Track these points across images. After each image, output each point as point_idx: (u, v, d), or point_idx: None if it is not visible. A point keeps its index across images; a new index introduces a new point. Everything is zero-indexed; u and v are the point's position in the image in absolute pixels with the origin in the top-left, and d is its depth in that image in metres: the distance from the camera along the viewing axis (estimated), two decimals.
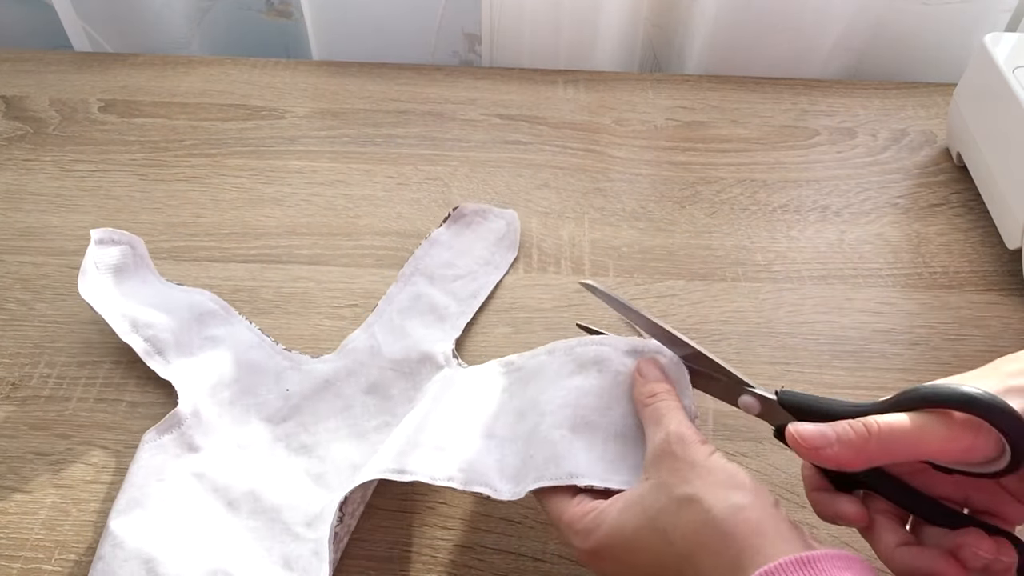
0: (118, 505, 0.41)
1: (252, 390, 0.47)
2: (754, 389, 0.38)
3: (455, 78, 0.71)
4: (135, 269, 0.52)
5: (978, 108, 0.60)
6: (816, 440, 0.33)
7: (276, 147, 0.64)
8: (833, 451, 0.32)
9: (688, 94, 0.70)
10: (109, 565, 0.39)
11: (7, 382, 0.49)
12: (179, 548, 0.40)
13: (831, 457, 0.32)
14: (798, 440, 0.33)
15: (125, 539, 0.39)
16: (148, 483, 0.42)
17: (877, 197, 0.61)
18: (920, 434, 0.32)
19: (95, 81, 0.70)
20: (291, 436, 0.46)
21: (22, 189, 0.60)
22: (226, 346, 0.49)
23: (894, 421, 0.32)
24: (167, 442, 0.44)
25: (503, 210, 0.58)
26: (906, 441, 0.32)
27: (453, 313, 0.51)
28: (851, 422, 0.33)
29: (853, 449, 0.32)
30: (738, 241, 0.58)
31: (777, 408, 0.37)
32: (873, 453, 0.32)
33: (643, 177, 0.63)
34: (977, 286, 0.55)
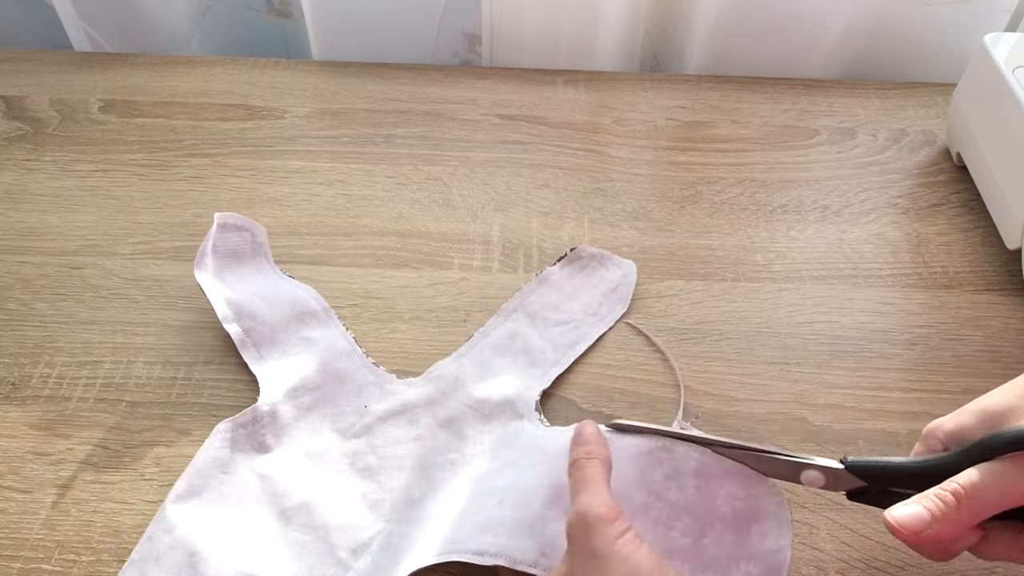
0: (178, 488, 0.42)
1: (332, 399, 0.47)
2: (816, 463, 0.37)
3: (455, 78, 0.71)
4: (251, 256, 0.52)
5: (978, 108, 0.60)
6: (916, 525, 0.33)
7: (276, 147, 0.64)
8: (933, 531, 0.33)
9: (688, 94, 0.70)
10: (155, 548, 0.39)
11: (7, 382, 0.49)
12: (223, 547, 0.40)
13: (932, 537, 0.33)
14: (898, 528, 0.33)
15: (176, 525, 0.40)
16: (212, 473, 0.43)
17: (877, 197, 0.61)
18: (1005, 487, 0.32)
19: (95, 81, 0.70)
20: (358, 455, 0.45)
21: (22, 189, 0.60)
22: (317, 350, 0.48)
23: (977, 480, 0.32)
24: (240, 436, 0.44)
25: (623, 260, 0.55)
26: (994, 497, 0.32)
27: (547, 360, 0.49)
28: (939, 493, 0.33)
29: (949, 522, 0.32)
30: (738, 241, 0.58)
31: (844, 476, 0.37)
32: (967, 519, 0.32)
33: (643, 177, 0.63)
34: (977, 286, 0.55)
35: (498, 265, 0.56)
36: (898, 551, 0.41)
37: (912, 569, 0.41)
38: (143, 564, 0.39)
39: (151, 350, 0.50)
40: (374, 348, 0.50)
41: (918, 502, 0.33)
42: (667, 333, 0.52)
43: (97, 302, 0.53)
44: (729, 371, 0.50)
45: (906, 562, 0.41)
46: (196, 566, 0.39)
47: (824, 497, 0.43)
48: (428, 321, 0.52)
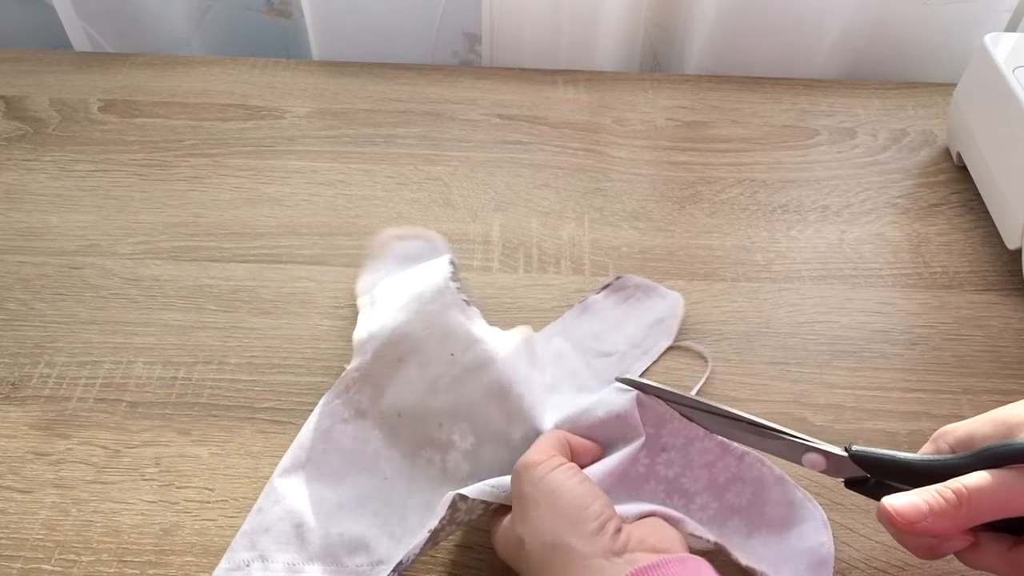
0: (284, 462, 0.43)
1: (421, 347, 0.44)
2: (819, 446, 0.38)
3: (455, 78, 0.71)
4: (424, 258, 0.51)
5: (978, 108, 0.60)
6: (912, 515, 0.33)
7: (276, 147, 0.64)
8: (928, 523, 0.33)
9: (688, 94, 0.70)
10: (265, 519, 0.41)
11: (7, 382, 0.49)
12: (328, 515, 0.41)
13: (926, 529, 0.33)
14: (894, 516, 0.33)
15: (284, 497, 0.42)
16: (314, 445, 0.44)
17: (877, 197, 0.61)
18: (1008, 494, 0.32)
19: (95, 81, 0.70)
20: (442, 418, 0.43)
21: (22, 189, 0.60)
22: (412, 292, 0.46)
23: (981, 483, 0.32)
24: (336, 407, 0.45)
25: (669, 291, 0.53)
26: (995, 502, 0.32)
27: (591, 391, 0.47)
28: (940, 490, 0.33)
29: (947, 518, 0.32)
30: (738, 241, 0.58)
31: (846, 464, 0.37)
32: (964, 519, 0.32)
33: (643, 177, 0.63)
34: (977, 286, 0.55)
35: (498, 265, 0.56)
36: (898, 551, 0.41)
37: (912, 569, 0.41)
38: (254, 535, 0.41)
39: (151, 350, 0.50)
40: None
41: (918, 495, 0.33)
42: None
43: (97, 302, 0.53)
44: (729, 371, 0.50)
45: (906, 562, 0.41)
46: (304, 536, 0.40)
47: (824, 497, 0.43)
48: None
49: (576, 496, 0.34)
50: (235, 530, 0.42)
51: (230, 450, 0.45)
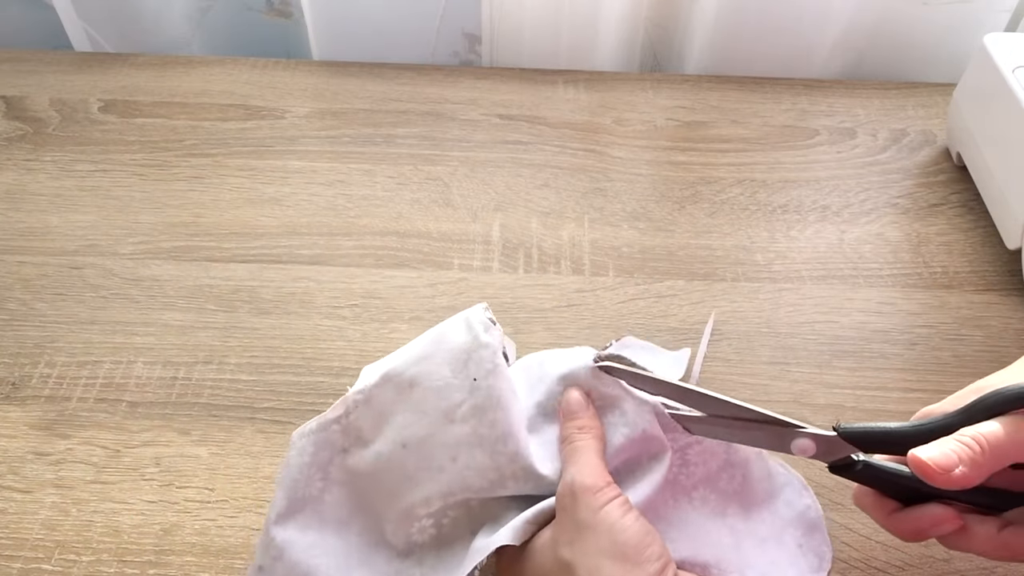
0: (278, 505, 0.38)
1: (438, 371, 0.38)
2: (807, 430, 0.36)
3: (455, 78, 0.71)
4: None
5: (978, 108, 0.60)
6: (947, 463, 0.31)
7: (276, 147, 0.64)
8: (961, 471, 0.31)
9: (688, 94, 0.70)
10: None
11: (7, 382, 0.49)
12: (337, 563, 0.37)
13: (958, 478, 0.31)
14: (932, 467, 0.31)
15: (285, 549, 0.37)
16: (310, 483, 0.38)
17: (877, 197, 0.61)
18: (1019, 437, 0.31)
19: (95, 81, 0.70)
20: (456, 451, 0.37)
21: (22, 189, 0.60)
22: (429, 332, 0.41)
23: (995, 429, 0.32)
24: (333, 434, 0.39)
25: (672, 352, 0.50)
26: (1008, 447, 0.31)
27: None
28: (962, 439, 0.32)
29: (976, 466, 0.31)
30: (738, 241, 0.58)
31: (836, 444, 0.36)
32: (988, 466, 0.32)
33: (643, 177, 0.63)
34: (977, 286, 0.55)
35: (498, 265, 0.56)
36: (898, 551, 0.41)
37: (912, 569, 0.41)
38: None
39: (151, 350, 0.50)
40: (374, 348, 0.50)
41: (943, 445, 0.32)
42: (667, 333, 0.52)
43: (97, 302, 0.53)
44: (729, 371, 0.50)
45: (906, 562, 0.41)
46: None
47: (824, 497, 0.43)
48: (428, 321, 0.52)
49: (635, 535, 0.32)
50: (235, 530, 0.42)
51: (230, 450, 0.46)
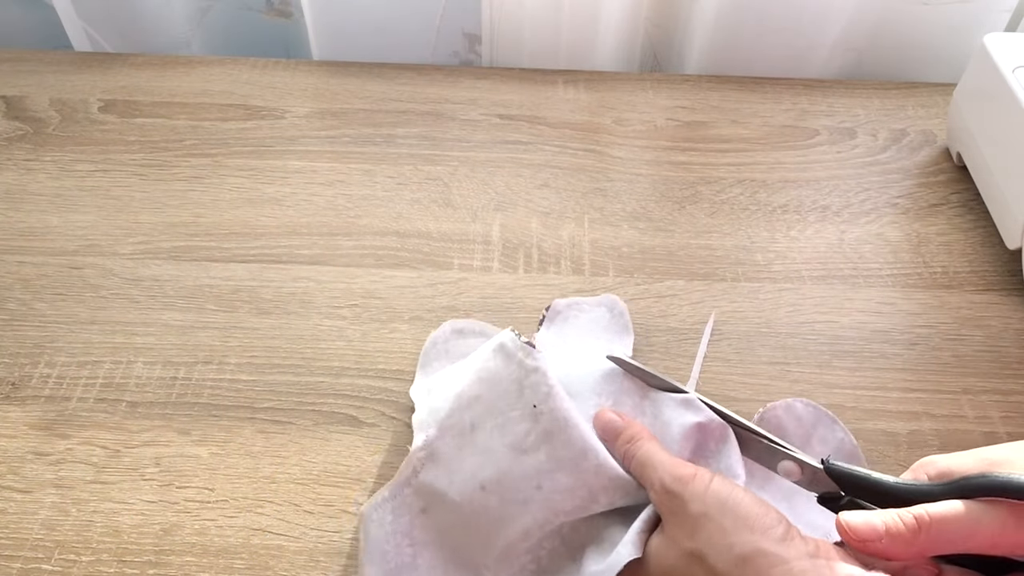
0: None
1: (494, 406, 0.38)
2: (796, 455, 0.37)
3: (455, 78, 0.71)
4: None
5: (978, 108, 0.60)
6: (866, 533, 0.32)
7: (276, 147, 0.64)
8: (882, 545, 0.31)
9: (688, 94, 0.70)
10: None
11: (7, 382, 0.49)
12: None
13: (880, 551, 0.32)
14: (847, 532, 0.32)
15: None
16: (401, 550, 0.38)
17: (877, 197, 0.61)
18: (974, 527, 0.31)
19: (95, 81, 0.70)
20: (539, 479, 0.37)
21: (22, 189, 0.60)
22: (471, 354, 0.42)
23: (947, 512, 0.31)
24: (408, 496, 0.39)
25: (597, 298, 0.52)
26: (958, 534, 0.31)
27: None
28: (902, 514, 0.32)
29: (903, 543, 0.31)
30: (738, 241, 0.58)
31: (821, 477, 0.36)
32: (923, 546, 0.31)
33: (643, 177, 0.63)
34: (977, 286, 0.55)
35: (498, 265, 0.56)
36: None
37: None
38: None
39: (151, 350, 0.50)
40: (374, 348, 0.50)
41: (877, 515, 0.32)
42: (667, 333, 0.52)
43: (97, 302, 0.53)
44: (729, 371, 0.50)
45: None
46: None
47: None
48: (428, 321, 0.52)
49: (750, 504, 0.33)
50: (235, 530, 0.42)
51: (230, 450, 0.46)
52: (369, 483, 0.44)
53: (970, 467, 0.33)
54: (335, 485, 0.44)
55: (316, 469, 0.45)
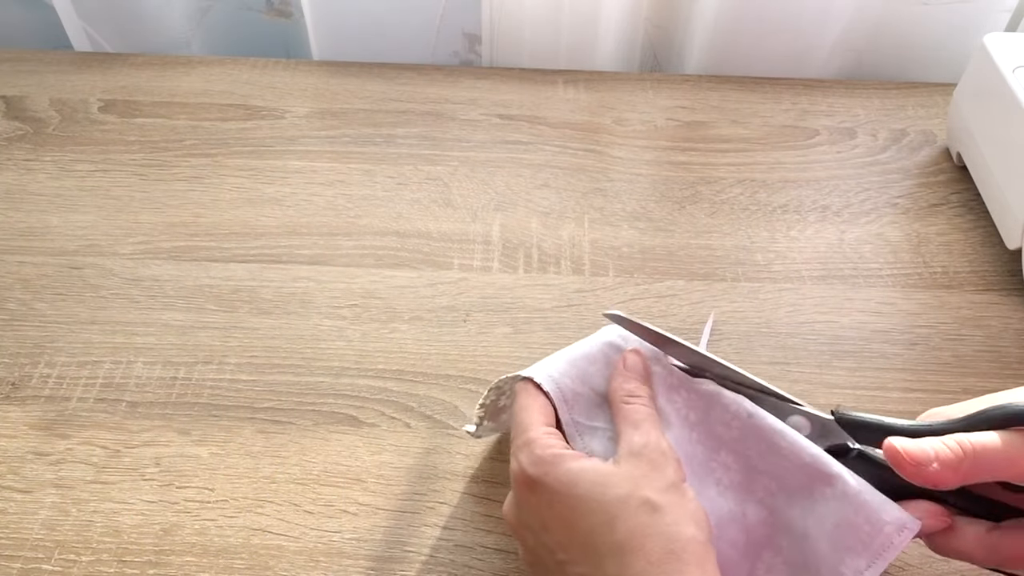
0: None
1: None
2: (805, 409, 0.37)
3: (455, 78, 0.71)
4: None
5: (978, 108, 0.60)
6: (921, 457, 0.32)
7: (276, 147, 0.64)
8: (934, 469, 0.31)
9: (688, 94, 0.70)
10: None
11: (7, 382, 0.49)
12: None
13: (931, 475, 0.32)
14: (904, 456, 0.32)
15: None
16: None
17: (877, 197, 0.61)
18: (1011, 453, 0.31)
19: (95, 81, 0.70)
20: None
21: (22, 189, 0.60)
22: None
23: (987, 441, 0.32)
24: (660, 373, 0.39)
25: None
26: (997, 461, 0.31)
27: None
28: (946, 440, 0.32)
29: (951, 468, 0.31)
30: (738, 241, 0.58)
31: (832, 428, 0.36)
32: (967, 473, 0.31)
33: (643, 177, 0.63)
34: (977, 286, 0.55)
35: (498, 265, 0.56)
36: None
37: (912, 570, 0.41)
38: None
39: (151, 350, 0.50)
40: (374, 348, 0.50)
41: (925, 442, 0.32)
42: None
43: (97, 302, 0.53)
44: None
45: (906, 562, 0.41)
46: None
47: None
48: (428, 321, 0.52)
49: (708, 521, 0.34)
50: (235, 530, 0.42)
51: (230, 450, 0.46)
52: (369, 483, 0.44)
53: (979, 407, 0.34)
54: (335, 485, 0.44)
55: (316, 469, 0.45)
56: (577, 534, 0.33)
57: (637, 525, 0.32)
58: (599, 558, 0.33)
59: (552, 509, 0.34)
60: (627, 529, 0.32)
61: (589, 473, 0.34)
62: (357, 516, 0.43)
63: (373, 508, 0.43)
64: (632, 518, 0.33)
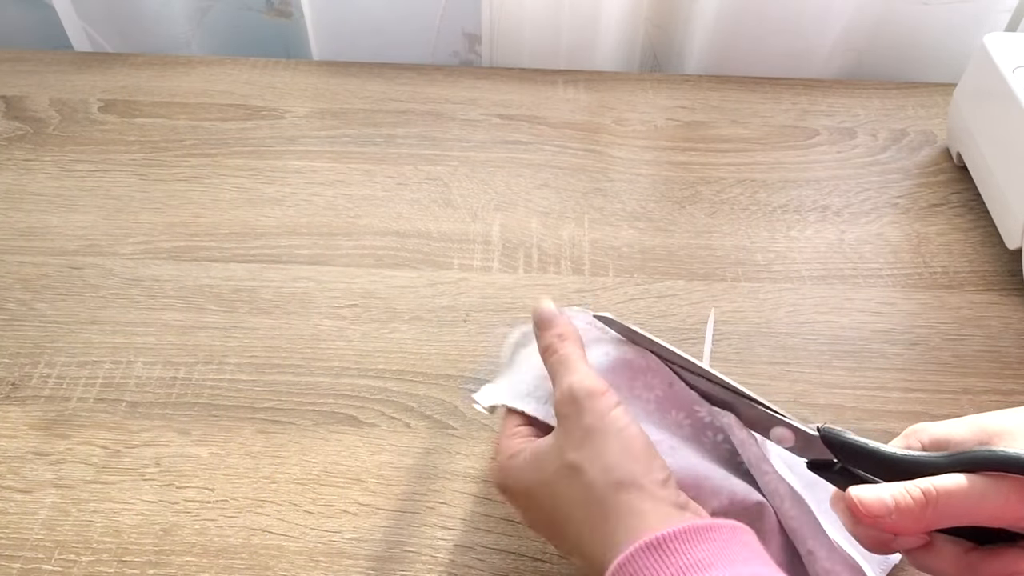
0: None
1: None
2: (790, 421, 0.36)
3: (455, 78, 0.71)
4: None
5: (978, 108, 0.60)
6: (877, 509, 0.31)
7: (276, 147, 0.64)
8: (892, 520, 0.31)
9: (688, 94, 0.70)
10: None
11: (7, 382, 0.49)
12: None
13: (889, 526, 0.31)
14: (858, 508, 0.32)
15: None
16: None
17: (877, 197, 0.61)
18: (979, 501, 0.31)
19: (95, 81, 0.70)
20: None
21: (22, 189, 0.60)
22: None
23: (952, 487, 0.31)
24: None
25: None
26: (963, 508, 0.31)
27: None
28: (909, 488, 0.31)
29: (911, 518, 0.31)
30: (738, 241, 0.58)
31: (815, 444, 0.36)
32: (930, 521, 0.31)
33: (643, 177, 0.63)
34: (977, 286, 0.55)
35: (498, 265, 0.56)
36: None
37: (912, 570, 0.41)
38: None
39: (151, 350, 0.50)
40: (374, 348, 0.50)
41: (885, 489, 0.32)
42: (667, 333, 0.52)
43: (97, 302, 0.53)
44: (729, 371, 0.50)
45: (906, 561, 0.41)
46: None
47: None
48: (428, 321, 0.52)
49: (645, 444, 0.33)
50: (235, 530, 0.42)
51: (230, 450, 0.46)
52: (369, 483, 0.44)
53: (964, 435, 0.33)
54: (335, 485, 0.44)
55: (316, 469, 0.45)
56: (545, 519, 0.34)
57: (570, 495, 0.32)
58: (563, 535, 0.33)
59: (524, 506, 0.35)
60: (565, 501, 0.33)
61: (530, 461, 0.35)
62: (357, 516, 0.43)
63: (373, 508, 0.43)
64: (564, 489, 0.33)
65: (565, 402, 0.34)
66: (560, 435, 0.34)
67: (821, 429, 0.35)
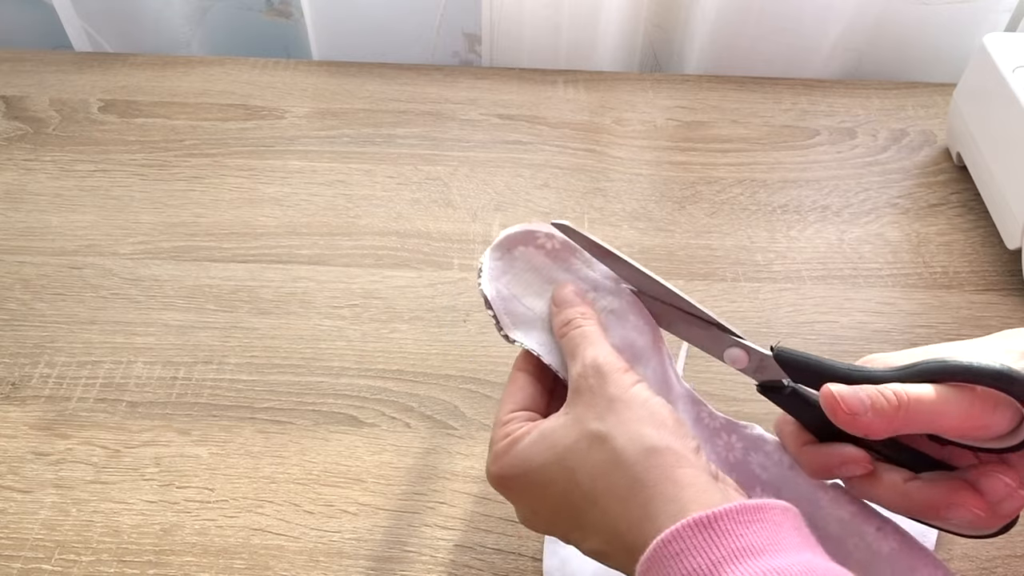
0: None
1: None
2: (744, 342, 0.36)
3: (455, 78, 0.71)
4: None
5: (978, 108, 0.60)
6: (855, 405, 0.31)
7: (276, 147, 0.64)
8: (867, 419, 0.31)
9: (688, 94, 0.70)
10: None
11: (7, 382, 0.49)
12: None
13: (863, 424, 0.31)
14: (839, 403, 0.31)
15: None
16: None
17: (877, 197, 0.61)
18: (943, 407, 0.31)
19: (95, 81, 0.70)
20: None
21: (22, 189, 0.60)
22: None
23: (921, 393, 0.31)
24: None
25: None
26: (928, 414, 0.31)
27: None
28: (882, 389, 0.31)
29: (884, 419, 0.31)
30: (738, 241, 0.58)
31: (769, 365, 0.35)
32: (900, 423, 0.31)
33: (643, 177, 0.63)
34: (977, 286, 0.55)
35: None
36: None
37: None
38: None
39: (151, 350, 0.50)
40: (374, 348, 0.50)
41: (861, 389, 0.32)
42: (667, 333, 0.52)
43: (97, 302, 0.53)
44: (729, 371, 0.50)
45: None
46: None
47: None
48: (428, 321, 0.52)
49: (670, 414, 0.32)
50: (235, 530, 0.42)
51: (230, 450, 0.46)
52: (369, 483, 0.44)
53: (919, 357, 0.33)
54: (335, 485, 0.44)
55: (316, 469, 0.45)
56: (555, 504, 0.33)
57: (594, 466, 0.31)
58: (580, 516, 0.32)
59: (528, 493, 0.34)
60: (587, 474, 0.31)
61: (537, 440, 0.33)
62: (357, 516, 0.43)
63: (373, 508, 0.43)
64: (587, 460, 0.31)
65: (588, 374, 0.33)
66: (579, 407, 0.33)
67: (775, 348, 0.35)
